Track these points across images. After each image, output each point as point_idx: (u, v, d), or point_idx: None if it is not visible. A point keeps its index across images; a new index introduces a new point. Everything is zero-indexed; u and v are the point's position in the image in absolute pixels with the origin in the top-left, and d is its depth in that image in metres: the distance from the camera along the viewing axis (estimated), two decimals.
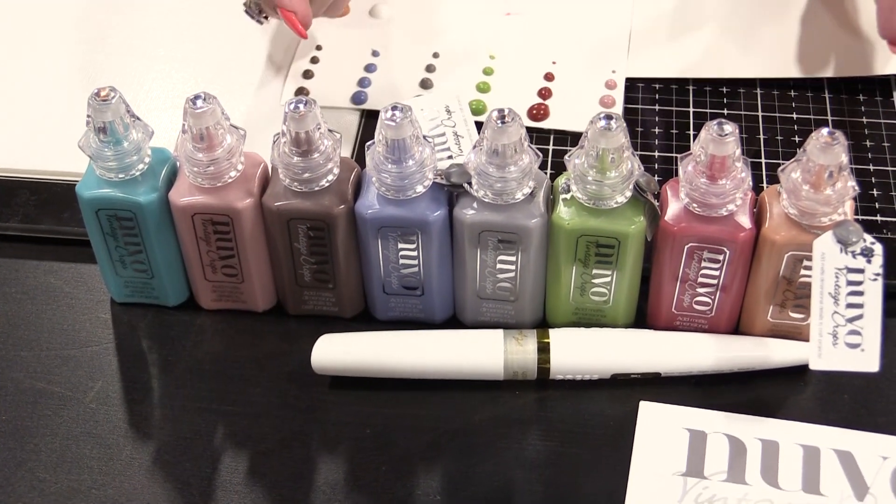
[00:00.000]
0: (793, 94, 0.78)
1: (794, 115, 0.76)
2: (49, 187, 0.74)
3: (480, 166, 0.60)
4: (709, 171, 0.59)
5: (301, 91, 0.78)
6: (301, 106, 0.59)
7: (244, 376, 0.65)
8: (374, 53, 0.80)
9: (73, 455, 0.62)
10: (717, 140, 0.58)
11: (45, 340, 0.67)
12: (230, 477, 0.61)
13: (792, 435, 0.62)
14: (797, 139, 0.75)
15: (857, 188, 0.59)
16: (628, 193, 0.60)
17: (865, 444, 0.61)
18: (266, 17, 0.75)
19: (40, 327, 0.68)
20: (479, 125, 0.74)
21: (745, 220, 0.60)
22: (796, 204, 0.60)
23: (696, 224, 0.61)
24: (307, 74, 0.79)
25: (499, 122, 0.58)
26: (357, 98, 0.77)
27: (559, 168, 0.73)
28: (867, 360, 0.59)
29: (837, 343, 0.59)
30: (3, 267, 0.71)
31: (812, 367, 0.59)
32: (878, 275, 0.59)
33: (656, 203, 0.61)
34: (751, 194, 0.61)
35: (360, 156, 0.74)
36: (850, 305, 0.59)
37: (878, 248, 0.59)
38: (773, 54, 0.79)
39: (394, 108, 0.59)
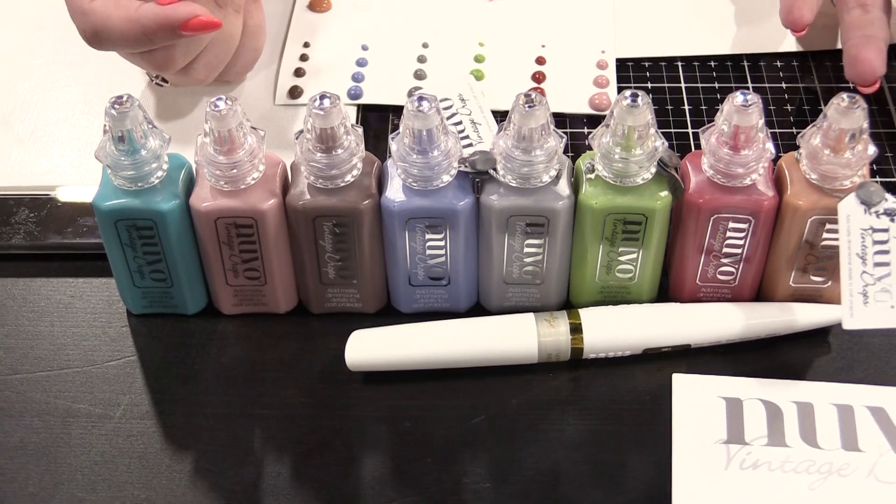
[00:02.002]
0: (779, 63, 0.79)
1: (783, 85, 0.78)
2: (49, 203, 0.72)
3: (507, 151, 0.60)
4: (732, 142, 0.60)
5: (295, 90, 0.77)
6: (326, 101, 0.59)
7: (274, 379, 0.65)
8: (364, 47, 0.80)
9: (111, 472, 0.61)
10: (742, 111, 0.59)
11: (64, 359, 0.66)
12: (275, 481, 0.61)
13: (824, 395, 0.63)
14: (788, 107, 0.76)
15: (876, 150, 0.60)
16: (653, 170, 0.61)
17: (895, 399, 0.63)
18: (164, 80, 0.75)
19: (58, 345, 0.67)
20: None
21: (768, 189, 0.61)
22: (817, 168, 0.61)
23: (721, 195, 0.61)
24: (298, 73, 0.78)
25: (526, 105, 0.59)
26: (352, 93, 0.77)
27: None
28: None
29: (868, 302, 0.60)
30: (11, 286, 0.69)
31: (845, 326, 0.60)
32: None
33: (679, 179, 0.62)
34: (771, 162, 0.62)
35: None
36: (877, 265, 0.60)
37: None
38: (757, 28, 0.81)
39: (421, 98, 0.59)
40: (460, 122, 0.72)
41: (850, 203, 0.60)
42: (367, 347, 0.64)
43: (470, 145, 0.71)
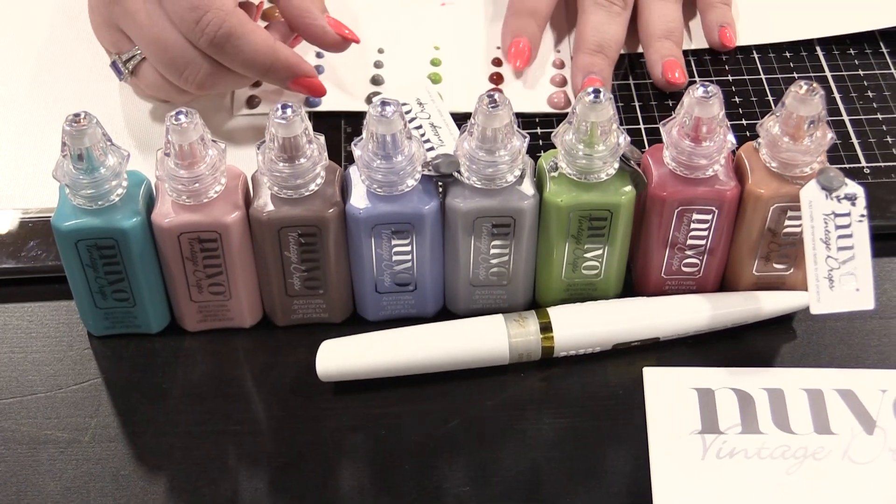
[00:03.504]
0: (724, 57, 0.80)
1: (730, 77, 0.79)
2: None
3: (471, 152, 0.60)
4: (693, 134, 0.60)
5: (252, 99, 0.77)
6: (288, 111, 0.58)
7: (244, 394, 0.64)
8: (319, 55, 0.79)
9: (84, 498, 0.60)
10: (702, 102, 0.59)
11: (28, 385, 0.65)
12: (253, 497, 0.60)
13: (794, 381, 0.64)
14: (737, 100, 0.77)
15: (833, 136, 0.61)
16: (616, 165, 0.61)
17: (863, 381, 0.64)
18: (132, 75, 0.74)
19: (21, 372, 0.65)
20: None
21: (730, 179, 0.62)
22: (777, 156, 0.62)
23: (684, 187, 0.62)
24: (255, 83, 0.77)
25: (490, 106, 0.59)
26: (310, 101, 0.76)
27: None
28: (864, 298, 0.61)
29: (834, 286, 0.61)
30: None
31: (813, 311, 0.61)
32: (863, 216, 0.61)
33: (641, 173, 0.62)
34: (731, 152, 0.63)
35: None
36: (840, 248, 0.61)
37: (860, 191, 0.61)
38: (698, 24, 0.82)
39: (384, 103, 0.58)
40: (420, 127, 0.72)
41: (811, 189, 0.61)
42: (338, 357, 0.63)
43: (431, 149, 0.71)
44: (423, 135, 0.72)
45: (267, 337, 0.67)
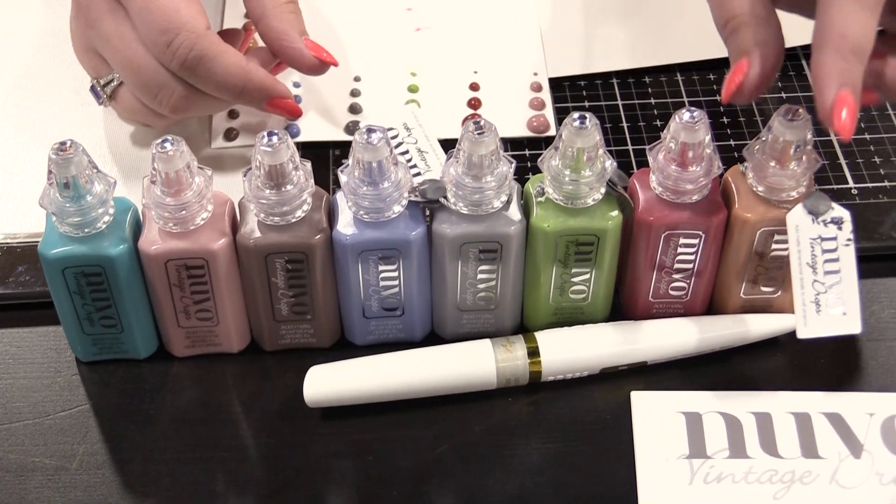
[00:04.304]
0: (711, 76, 0.80)
1: (717, 98, 0.78)
2: None
3: (458, 179, 0.60)
4: (680, 159, 0.60)
5: (230, 133, 0.76)
6: (274, 138, 0.58)
7: (232, 420, 0.64)
8: (296, 85, 0.79)
9: None
10: (688, 127, 0.59)
11: (16, 412, 0.65)
12: None
13: (781, 404, 0.64)
14: (725, 121, 0.77)
15: (820, 160, 0.61)
16: (603, 190, 0.61)
17: (851, 404, 0.64)
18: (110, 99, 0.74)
19: (8, 399, 0.65)
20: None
21: (717, 203, 0.62)
22: (763, 181, 0.62)
23: (671, 212, 0.62)
24: (232, 114, 0.77)
25: (476, 133, 0.59)
26: (290, 132, 0.76)
27: None
28: (850, 323, 0.62)
29: (821, 310, 0.61)
30: None
31: (800, 336, 0.61)
32: (849, 240, 0.61)
33: (628, 198, 0.62)
34: (718, 177, 0.63)
35: None
36: (827, 273, 0.61)
37: (847, 215, 0.61)
38: (686, 39, 0.81)
39: (370, 130, 0.58)
40: (407, 152, 0.72)
41: (798, 213, 0.61)
42: (326, 383, 0.63)
43: (418, 174, 0.71)
44: (410, 160, 0.72)
45: (255, 362, 0.67)
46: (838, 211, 0.61)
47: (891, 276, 0.70)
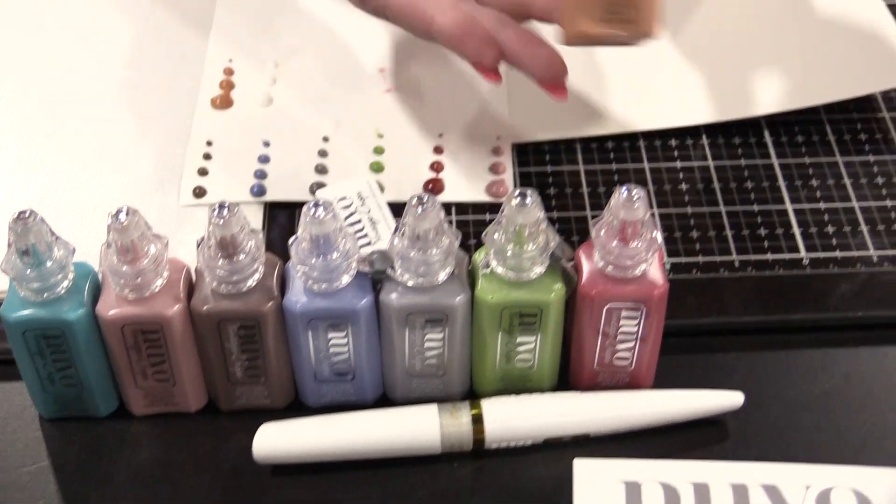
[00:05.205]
0: (673, 143, 0.82)
1: (678, 164, 0.80)
2: None
3: (403, 252, 0.62)
4: (621, 235, 0.62)
5: (199, 190, 0.79)
6: (225, 211, 0.61)
7: (187, 478, 0.66)
8: (266, 143, 0.81)
9: None
10: (628, 206, 0.61)
11: None
12: None
13: (720, 475, 0.65)
14: (683, 188, 0.79)
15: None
16: (546, 263, 0.63)
17: (788, 476, 0.65)
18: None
19: None
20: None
21: (658, 277, 0.64)
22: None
23: (612, 286, 0.64)
24: (202, 172, 0.80)
25: (419, 208, 0.60)
26: (256, 190, 0.78)
27: (463, 238, 0.75)
28: None
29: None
30: None
31: None
32: None
33: (572, 270, 0.64)
34: (660, 250, 0.64)
35: (268, 247, 0.75)
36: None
37: None
38: (649, 105, 0.83)
39: (316, 205, 0.60)
40: (359, 221, 0.74)
41: None
42: (275, 440, 0.65)
43: (368, 243, 0.73)
44: (361, 229, 0.74)
45: (211, 422, 0.69)
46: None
47: (837, 347, 0.71)
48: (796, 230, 0.76)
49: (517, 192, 0.61)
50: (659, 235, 0.63)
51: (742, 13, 0.89)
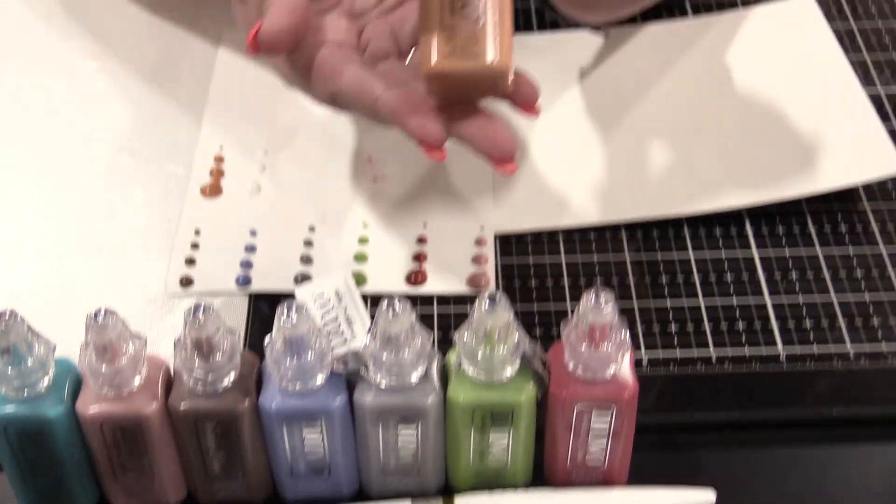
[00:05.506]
0: (655, 233, 0.83)
1: (658, 255, 0.81)
2: None
3: (375, 353, 0.63)
4: (590, 338, 0.63)
5: (185, 280, 0.80)
6: (200, 313, 0.62)
7: None
8: (253, 233, 0.82)
9: None
10: (596, 311, 0.62)
11: None
12: None
13: None
14: (664, 280, 0.80)
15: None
16: (517, 364, 0.64)
17: None
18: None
19: None
20: (365, 298, 0.78)
21: (627, 378, 0.64)
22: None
23: (582, 388, 0.64)
24: (189, 261, 0.81)
25: (390, 312, 0.62)
26: (241, 280, 0.79)
27: (445, 330, 0.76)
28: None
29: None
30: None
31: None
32: None
33: (544, 371, 0.65)
34: (630, 350, 0.65)
35: (252, 340, 0.77)
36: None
37: None
38: (633, 196, 0.84)
39: (289, 308, 0.62)
40: (336, 318, 0.75)
41: None
42: None
43: (344, 341, 0.74)
44: (338, 326, 0.75)
45: None
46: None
47: (812, 445, 0.71)
48: (774, 324, 0.77)
49: (486, 294, 0.62)
50: (627, 337, 0.64)
51: (725, 102, 0.90)
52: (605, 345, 0.63)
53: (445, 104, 0.68)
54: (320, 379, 0.64)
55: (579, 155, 0.87)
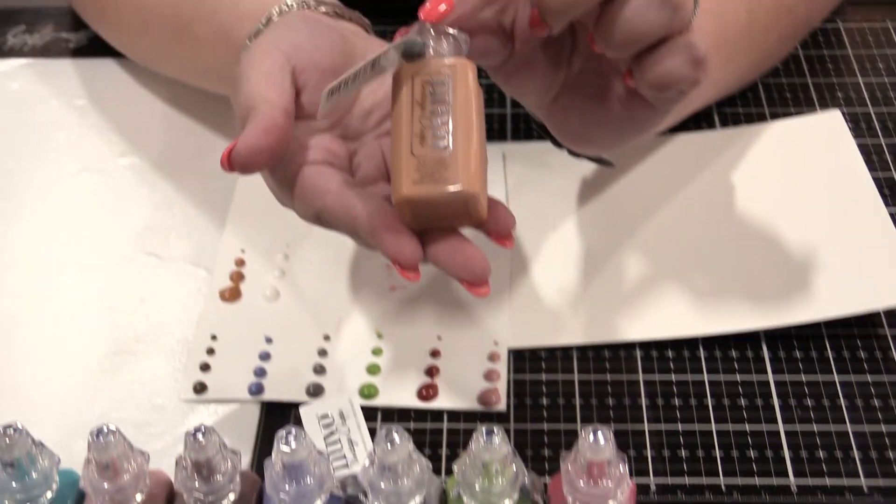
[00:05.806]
0: (670, 354, 0.82)
1: (672, 377, 0.81)
2: None
3: (373, 481, 0.63)
4: (588, 475, 0.63)
5: (199, 386, 0.80)
6: (200, 436, 0.62)
7: None
8: (268, 340, 0.83)
9: None
10: (594, 448, 0.62)
11: None
12: None
13: None
14: (676, 402, 0.79)
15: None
16: (516, 496, 0.64)
17: None
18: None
19: None
20: (375, 411, 0.78)
21: None
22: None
23: None
24: (204, 367, 0.81)
25: (387, 442, 0.62)
26: (254, 389, 0.80)
27: (454, 447, 0.76)
28: None
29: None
30: None
31: None
32: None
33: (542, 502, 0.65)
34: (632, 485, 0.65)
35: (262, 448, 0.77)
36: None
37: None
38: (647, 317, 0.84)
39: (288, 434, 0.62)
40: (338, 441, 0.75)
41: None
42: None
43: (346, 465, 0.74)
44: (339, 448, 0.75)
45: None
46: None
47: None
48: (786, 453, 0.76)
49: (484, 428, 0.62)
50: (626, 473, 0.63)
51: (745, 219, 0.90)
52: (603, 480, 0.63)
53: (419, 231, 0.68)
54: (319, 503, 0.64)
55: (598, 270, 0.87)
